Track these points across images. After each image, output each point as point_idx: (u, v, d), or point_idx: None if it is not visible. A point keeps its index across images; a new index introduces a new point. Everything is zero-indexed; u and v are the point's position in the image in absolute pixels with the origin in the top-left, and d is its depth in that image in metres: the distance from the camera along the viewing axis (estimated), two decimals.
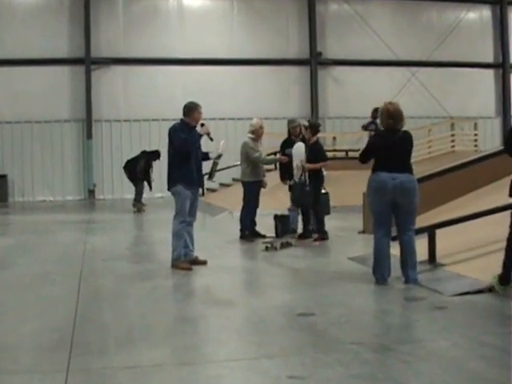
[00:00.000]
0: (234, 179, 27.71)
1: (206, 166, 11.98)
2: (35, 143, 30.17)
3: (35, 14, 30.19)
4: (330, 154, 23.39)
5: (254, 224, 14.98)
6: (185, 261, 11.13)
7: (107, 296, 9.54)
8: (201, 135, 11.36)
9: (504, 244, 9.04)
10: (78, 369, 6.11)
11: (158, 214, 21.86)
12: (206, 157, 11.78)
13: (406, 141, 9.78)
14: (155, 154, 23.33)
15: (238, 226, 14.91)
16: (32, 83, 29.58)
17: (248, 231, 14.79)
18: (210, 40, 31.44)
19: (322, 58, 32.88)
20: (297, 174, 13.91)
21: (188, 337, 7.21)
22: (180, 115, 31.07)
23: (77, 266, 11.17)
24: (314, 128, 14.74)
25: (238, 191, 24.29)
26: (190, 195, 11.15)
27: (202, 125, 11.39)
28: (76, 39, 30.47)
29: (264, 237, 14.63)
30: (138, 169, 23.21)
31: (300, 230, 14.81)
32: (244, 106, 31.37)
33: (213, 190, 27.21)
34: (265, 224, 15.27)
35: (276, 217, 15.04)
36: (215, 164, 12.21)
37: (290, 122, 15.84)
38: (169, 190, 11.35)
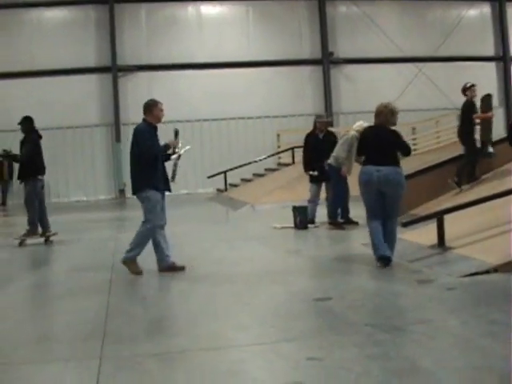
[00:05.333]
0: (254, 174, 27.76)
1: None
2: (68, 147, 30.35)
3: (63, 26, 30.39)
4: None
5: (347, 211, 14.87)
6: (137, 265, 10.17)
7: (136, 289, 9.57)
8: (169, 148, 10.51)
9: (508, 227, 9.06)
10: (110, 356, 6.14)
11: (179, 209, 21.94)
12: (167, 158, 10.65)
13: (382, 136, 10.04)
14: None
15: (261, 219, 14.94)
16: (63, 92, 29.76)
17: (343, 218, 14.79)
18: (227, 44, 31.51)
19: (334, 58, 32.81)
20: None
21: (212, 324, 7.21)
22: (200, 116, 31.21)
23: (109, 261, 11.19)
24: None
25: (259, 186, 24.48)
26: (160, 199, 10.23)
27: (177, 133, 10.66)
28: (103, 49, 30.65)
29: (357, 224, 14.33)
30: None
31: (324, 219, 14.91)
32: (261, 105, 31.48)
33: (235, 185, 27.25)
34: (284, 215, 15.30)
35: (294, 208, 15.03)
36: (176, 165, 10.90)
37: (318, 116, 15.84)
38: (135, 194, 10.33)
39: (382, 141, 10.00)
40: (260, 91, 31.61)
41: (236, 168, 28.02)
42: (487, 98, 15.76)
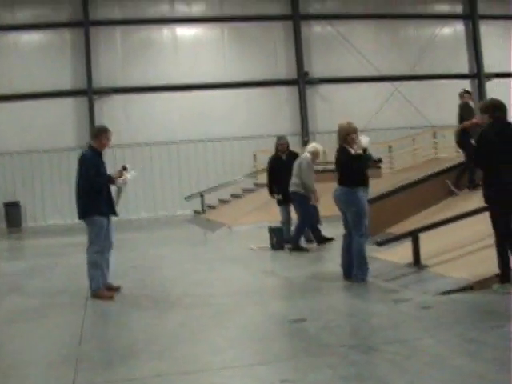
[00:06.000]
0: (231, 195, 27.74)
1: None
2: (44, 171, 30.16)
3: (40, 49, 30.33)
4: (319, 167, 23.32)
5: (318, 231, 14.91)
6: (105, 289, 10.43)
7: (111, 312, 9.52)
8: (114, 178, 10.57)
9: (481, 244, 9.08)
10: (83, 382, 6.08)
11: (157, 231, 21.85)
12: (112, 181, 10.62)
13: (337, 157, 10.68)
14: None
15: (238, 240, 15.00)
16: (39, 115, 29.71)
17: (316, 239, 14.84)
18: (203, 66, 31.54)
19: (309, 78, 32.92)
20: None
21: (188, 346, 7.17)
22: (176, 138, 31.13)
23: (84, 285, 11.08)
24: None
25: (236, 207, 24.47)
26: (105, 224, 10.40)
27: (125, 168, 10.66)
28: (78, 72, 30.57)
29: (332, 239, 14.61)
30: None
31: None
32: (238, 126, 31.54)
33: (212, 207, 27.23)
34: (261, 236, 15.31)
35: (271, 229, 15.03)
36: (120, 190, 10.89)
37: (279, 138, 15.85)
38: (81, 219, 10.49)
39: (337, 162, 10.61)
40: (236, 112, 31.67)
41: (213, 189, 28.05)
42: (466, 106, 15.83)
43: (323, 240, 14.73)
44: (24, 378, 6.37)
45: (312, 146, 14.93)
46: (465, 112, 15.65)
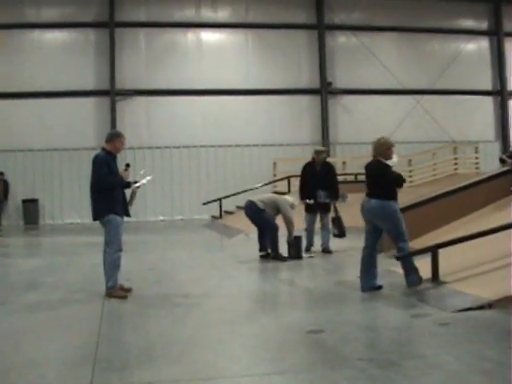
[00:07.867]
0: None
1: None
2: (64, 169, 30.24)
3: (64, 48, 30.45)
4: (340, 178, 23.26)
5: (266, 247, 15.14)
6: (120, 289, 10.66)
7: (128, 315, 9.52)
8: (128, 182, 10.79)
9: (504, 261, 9.03)
10: (102, 383, 6.09)
11: (173, 235, 21.87)
12: (127, 185, 10.81)
13: (371, 169, 10.60)
14: None
15: (255, 248, 15.09)
16: (61, 114, 29.84)
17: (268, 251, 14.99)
18: (226, 71, 31.60)
19: (332, 88, 32.89)
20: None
21: (204, 353, 7.16)
22: (197, 142, 31.15)
23: (101, 286, 11.10)
24: None
25: None
26: (121, 223, 10.57)
27: (128, 165, 10.90)
28: (101, 72, 30.68)
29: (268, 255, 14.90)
30: None
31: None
32: (259, 133, 31.55)
33: (230, 213, 27.19)
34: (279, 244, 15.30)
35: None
36: (134, 193, 11.03)
37: (319, 152, 15.90)
38: (97, 219, 10.61)
39: (371, 174, 10.57)
40: (258, 119, 31.70)
41: (232, 195, 28.05)
42: None
43: (280, 257, 14.74)
44: (40, 377, 6.37)
45: (293, 199, 15.32)
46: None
